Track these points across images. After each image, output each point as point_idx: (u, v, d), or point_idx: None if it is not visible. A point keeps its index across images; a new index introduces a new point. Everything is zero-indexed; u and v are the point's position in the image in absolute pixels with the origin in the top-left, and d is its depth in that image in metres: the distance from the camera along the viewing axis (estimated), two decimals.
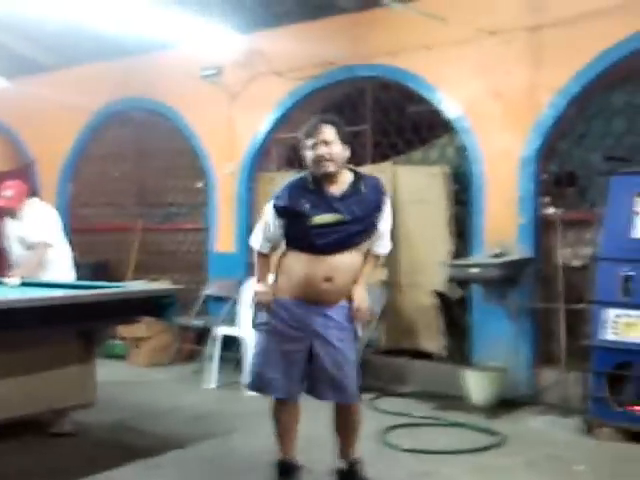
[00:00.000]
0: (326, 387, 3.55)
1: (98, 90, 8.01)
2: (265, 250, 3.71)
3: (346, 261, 3.51)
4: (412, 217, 6.12)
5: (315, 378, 3.56)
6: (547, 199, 5.72)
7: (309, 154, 3.51)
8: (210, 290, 7.21)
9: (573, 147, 5.75)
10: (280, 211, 3.58)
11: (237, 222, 7.17)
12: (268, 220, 3.64)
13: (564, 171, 5.78)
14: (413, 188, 6.18)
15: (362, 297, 3.62)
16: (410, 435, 4.85)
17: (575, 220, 5.62)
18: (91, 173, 8.58)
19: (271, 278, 3.70)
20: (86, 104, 8.09)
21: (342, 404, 3.64)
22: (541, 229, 5.70)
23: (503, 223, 5.72)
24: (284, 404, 3.66)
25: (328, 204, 3.50)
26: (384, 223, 3.66)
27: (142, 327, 6.92)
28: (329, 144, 3.47)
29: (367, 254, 3.70)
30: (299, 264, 3.54)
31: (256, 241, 3.75)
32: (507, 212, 5.71)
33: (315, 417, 3.80)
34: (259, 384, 3.64)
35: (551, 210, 5.66)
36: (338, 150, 3.50)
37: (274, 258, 3.74)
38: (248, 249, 6.95)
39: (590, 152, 5.66)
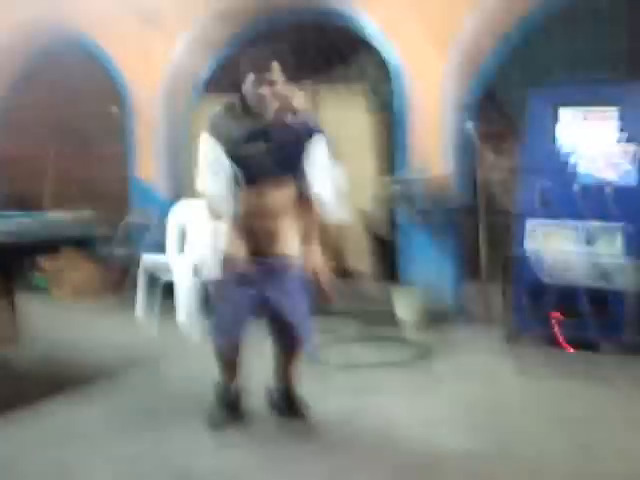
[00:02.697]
0: (282, 336, 3.62)
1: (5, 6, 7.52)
2: (217, 190, 3.46)
3: (275, 184, 3.45)
4: (336, 137, 6.05)
5: (272, 327, 3.61)
6: (468, 115, 5.73)
7: (251, 89, 3.39)
8: (133, 218, 7.05)
9: (493, 62, 5.75)
10: (217, 136, 3.43)
11: (158, 148, 6.97)
12: (210, 152, 3.46)
13: (485, 87, 5.79)
14: (335, 107, 6.11)
15: (320, 266, 3.59)
16: (340, 352, 4.93)
17: (495, 135, 5.66)
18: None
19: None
20: None
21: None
22: (464, 145, 5.73)
23: (427, 141, 5.72)
24: (231, 345, 3.63)
25: (254, 132, 3.41)
26: (315, 159, 3.50)
27: (63, 259, 6.75)
28: (273, 84, 3.37)
29: (306, 200, 3.56)
30: (240, 202, 3.47)
31: (207, 185, 3.49)
32: (430, 130, 5.71)
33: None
34: (220, 332, 3.60)
35: (472, 126, 5.68)
36: (282, 90, 3.41)
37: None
38: (170, 176, 6.96)
39: (509, 67, 5.68)
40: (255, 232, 3.49)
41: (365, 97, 6.07)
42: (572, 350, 4.71)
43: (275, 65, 3.38)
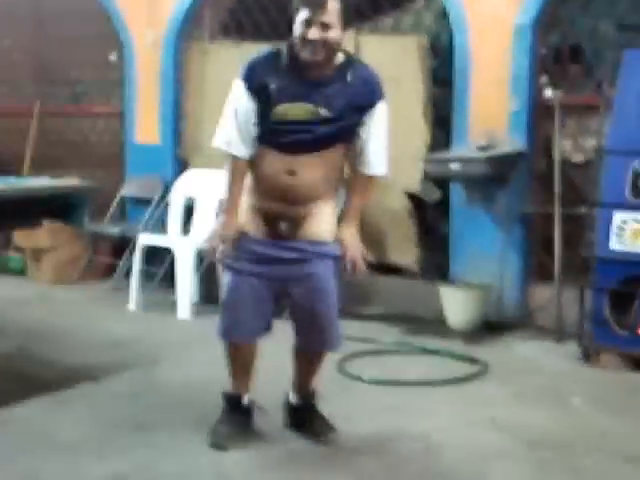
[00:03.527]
0: (308, 334, 3.60)
1: None
2: (241, 152, 3.43)
3: (315, 158, 3.41)
4: None
5: (294, 320, 3.61)
6: (546, 79, 5.67)
7: (299, 29, 3.28)
8: (129, 190, 7.11)
9: (579, 14, 5.68)
10: (252, 88, 3.36)
11: (162, 105, 7.01)
12: (238, 105, 3.40)
13: (567, 44, 5.72)
14: (381, 64, 6.02)
15: (354, 244, 3.57)
16: (376, 364, 4.91)
17: (579, 105, 5.62)
18: None
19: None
20: None
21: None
22: (537, 116, 5.68)
23: (491, 108, 5.69)
24: (246, 343, 3.65)
25: (301, 88, 3.35)
26: (374, 132, 3.47)
27: (44, 235, 6.83)
28: (328, 27, 3.25)
29: (354, 177, 3.58)
30: (261, 166, 3.46)
31: (225, 139, 3.45)
32: (497, 95, 5.68)
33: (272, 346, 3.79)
34: (231, 330, 3.59)
35: (550, 92, 5.62)
36: (336, 35, 3.28)
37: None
38: (175, 138, 6.98)
39: (600, 20, 5.60)
40: (281, 212, 3.48)
41: (419, 52, 6.01)
42: None
43: (332, 4, 3.25)
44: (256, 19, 6.67)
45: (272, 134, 3.40)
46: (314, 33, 3.25)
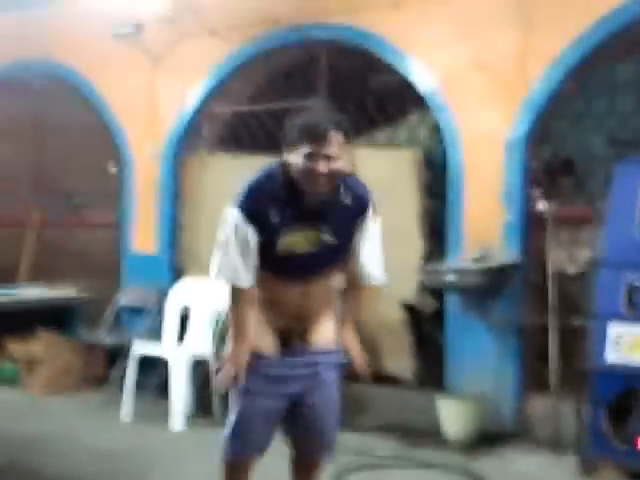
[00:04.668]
0: (312, 442, 3.57)
1: None
2: (246, 281, 3.33)
3: (321, 278, 3.41)
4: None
5: (299, 432, 3.56)
6: (538, 192, 5.74)
7: (299, 161, 3.17)
8: (125, 299, 7.10)
9: (570, 129, 5.79)
10: (252, 217, 3.25)
11: (160, 216, 7.08)
12: (238, 234, 3.28)
13: (559, 158, 5.81)
14: (377, 176, 6.11)
15: (357, 349, 3.60)
16: (372, 478, 4.82)
17: (571, 217, 5.67)
18: None
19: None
20: None
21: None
22: (531, 228, 5.73)
23: (485, 221, 5.74)
24: (250, 462, 3.57)
25: (303, 215, 3.27)
26: (369, 245, 3.45)
27: (38, 345, 6.79)
28: (332, 159, 3.16)
29: (353, 287, 3.56)
30: (268, 289, 3.41)
31: (227, 271, 3.34)
32: (490, 207, 5.73)
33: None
34: (240, 452, 3.52)
35: (543, 205, 5.68)
36: (340, 166, 3.20)
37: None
38: (172, 249, 7.02)
39: (590, 135, 5.71)
40: (291, 327, 3.47)
41: (413, 165, 6.10)
42: None
43: (336, 137, 3.16)
44: (253, 131, 6.78)
45: (277, 264, 3.36)
46: (320, 167, 3.15)
